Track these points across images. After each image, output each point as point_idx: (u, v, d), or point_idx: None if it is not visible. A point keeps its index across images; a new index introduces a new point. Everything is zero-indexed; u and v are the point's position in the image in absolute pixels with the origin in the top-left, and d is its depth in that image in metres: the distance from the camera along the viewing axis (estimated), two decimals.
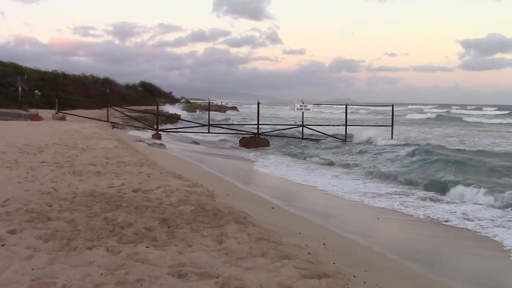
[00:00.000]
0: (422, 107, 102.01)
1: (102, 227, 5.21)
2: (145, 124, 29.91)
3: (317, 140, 26.53)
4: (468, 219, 8.96)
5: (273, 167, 16.01)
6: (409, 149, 20.20)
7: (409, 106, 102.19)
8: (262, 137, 26.29)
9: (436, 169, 15.39)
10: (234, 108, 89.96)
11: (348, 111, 27.85)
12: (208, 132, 27.80)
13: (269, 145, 24.98)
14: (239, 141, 25.89)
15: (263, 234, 5.41)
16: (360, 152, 21.34)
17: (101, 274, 3.77)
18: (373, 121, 43.17)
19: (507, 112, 69.43)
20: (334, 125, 31.80)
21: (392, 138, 26.08)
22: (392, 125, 27.11)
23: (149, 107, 39.19)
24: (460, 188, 11.73)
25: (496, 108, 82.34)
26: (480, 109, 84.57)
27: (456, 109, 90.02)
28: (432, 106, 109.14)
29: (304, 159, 19.45)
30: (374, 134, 26.40)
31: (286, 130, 30.05)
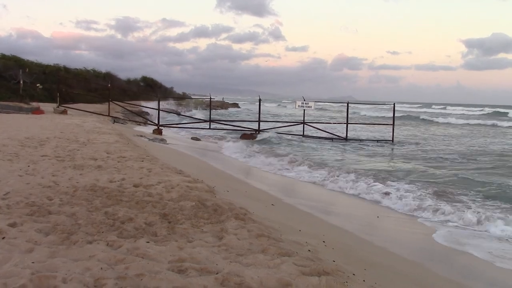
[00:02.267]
0: (398, 105, 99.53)
1: (103, 222, 5.22)
2: (146, 119, 29.92)
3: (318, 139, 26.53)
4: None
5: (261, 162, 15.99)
6: None
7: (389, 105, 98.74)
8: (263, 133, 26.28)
9: None
10: (235, 105, 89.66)
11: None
12: (209, 128, 27.78)
13: (269, 142, 24.98)
14: (240, 137, 25.88)
15: (263, 231, 5.41)
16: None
17: (101, 268, 3.77)
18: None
19: (485, 112, 69.05)
20: (335, 123, 31.80)
21: (393, 139, 26.10)
22: (393, 124, 27.10)
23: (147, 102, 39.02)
24: None
25: (480, 109, 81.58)
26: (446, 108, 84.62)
27: (438, 108, 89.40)
28: (417, 105, 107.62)
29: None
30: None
31: (287, 128, 29.95)
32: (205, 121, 28.89)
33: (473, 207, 9.69)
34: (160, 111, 28.06)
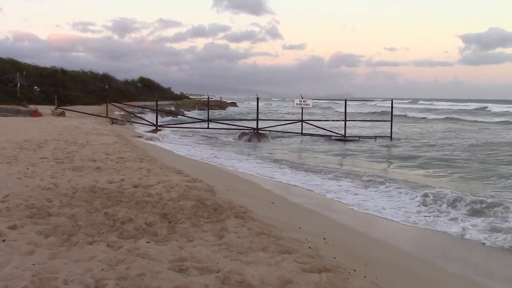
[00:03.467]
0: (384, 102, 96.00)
1: (103, 223, 5.22)
2: (145, 119, 29.89)
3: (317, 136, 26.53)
4: None
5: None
6: None
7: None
8: (261, 132, 26.26)
9: None
10: (233, 104, 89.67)
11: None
12: (208, 128, 27.78)
13: (268, 141, 24.95)
14: (238, 136, 25.86)
15: (263, 229, 5.42)
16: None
17: (102, 269, 3.77)
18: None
19: (465, 108, 69.36)
20: (333, 120, 31.82)
21: (391, 135, 26.08)
22: (391, 120, 27.12)
23: (148, 103, 39.08)
24: None
25: (466, 104, 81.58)
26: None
27: (424, 104, 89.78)
28: (406, 101, 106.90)
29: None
30: None
31: (286, 126, 29.90)
32: (203, 120, 28.90)
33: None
34: (159, 113, 28.06)
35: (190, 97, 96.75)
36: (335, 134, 26.38)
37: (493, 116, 49.49)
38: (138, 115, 31.69)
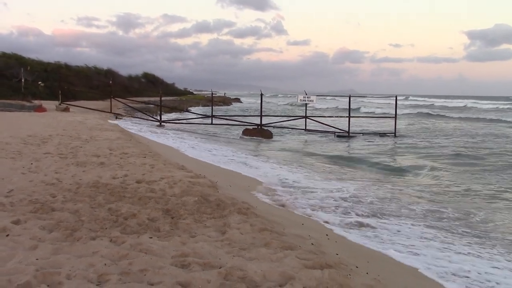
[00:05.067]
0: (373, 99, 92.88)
1: (106, 218, 5.24)
2: (148, 115, 29.92)
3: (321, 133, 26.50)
4: None
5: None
6: None
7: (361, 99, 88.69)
8: (265, 128, 26.20)
9: None
10: (237, 100, 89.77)
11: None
12: (212, 123, 27.76)
13: (272, 137, 24.84)
14: (242, 132, 25.79)
15: (266, 225, 5.43)
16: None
17: (105, 264, 3.79)
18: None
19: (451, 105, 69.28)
20: (337, 117, 31.73)
21: (395, 132, 25.95)
22: (395, 117, 27.00)
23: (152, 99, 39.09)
24: None
25: (458, 100, 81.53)
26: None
27: (414, 99, 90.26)
28: (401, 97, 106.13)
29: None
30: None
31: (289, 122, 29.79)
32: (207, 116, 28.90)
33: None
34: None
35: (194, 93, 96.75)
36: (339, 131, 26.30)
37: (471, 113, 49.90)
38: (142, 111, 31.72)
